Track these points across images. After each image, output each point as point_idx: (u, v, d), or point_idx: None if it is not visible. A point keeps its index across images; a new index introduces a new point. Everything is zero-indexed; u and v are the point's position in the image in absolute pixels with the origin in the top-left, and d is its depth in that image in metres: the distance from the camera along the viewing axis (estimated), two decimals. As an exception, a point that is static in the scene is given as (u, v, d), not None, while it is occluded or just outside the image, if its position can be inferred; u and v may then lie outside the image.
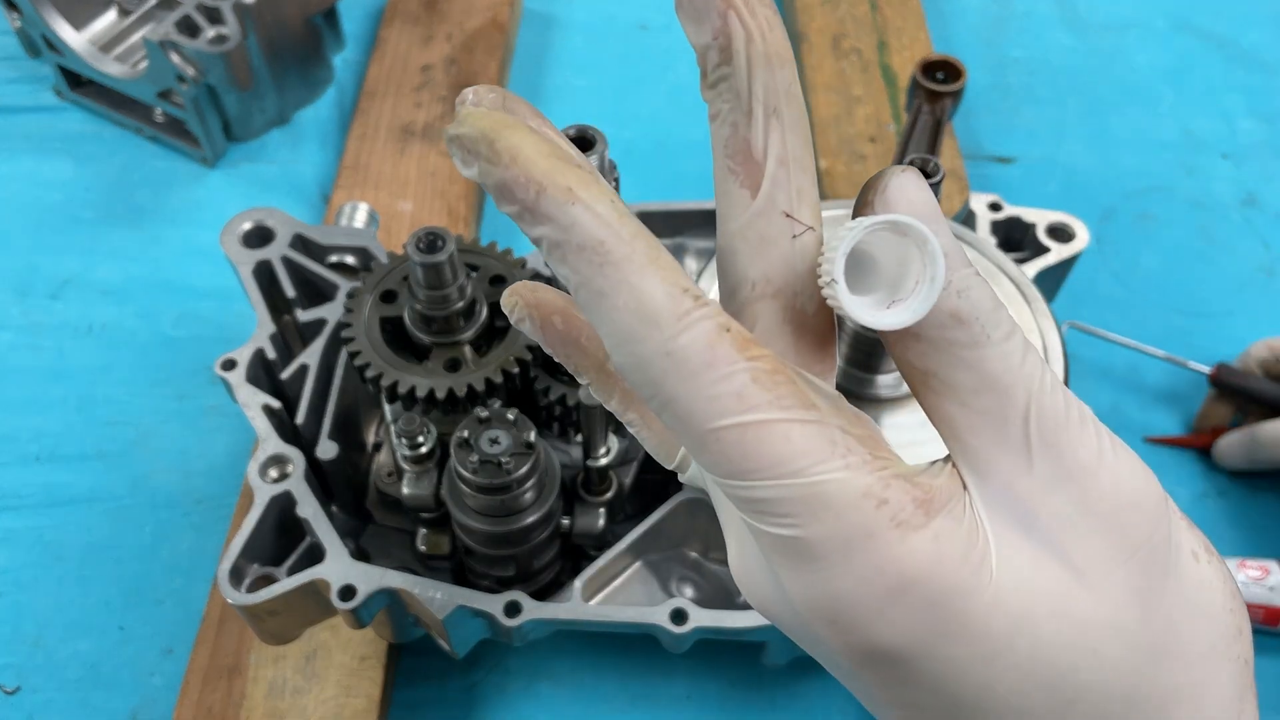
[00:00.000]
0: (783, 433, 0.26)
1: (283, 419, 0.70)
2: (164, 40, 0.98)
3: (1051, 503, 0.27)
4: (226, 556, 0.63)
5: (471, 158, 0.27)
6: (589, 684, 0.78)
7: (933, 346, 0.27)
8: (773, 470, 0.26)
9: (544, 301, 0.34)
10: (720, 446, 0.26)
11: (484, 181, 0.27)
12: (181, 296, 0.99)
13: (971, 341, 0.27)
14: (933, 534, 0.27)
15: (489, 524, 0.63)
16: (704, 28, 0.27)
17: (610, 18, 1.28)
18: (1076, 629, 0.27)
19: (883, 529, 0.26)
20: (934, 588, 0.27)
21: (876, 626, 0.27)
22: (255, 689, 0.72)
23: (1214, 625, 0.29)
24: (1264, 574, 0.79)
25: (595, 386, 0.35)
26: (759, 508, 0.27)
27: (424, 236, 0.63)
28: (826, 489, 0.26)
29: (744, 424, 0.26)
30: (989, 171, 1.12)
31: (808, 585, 0.27)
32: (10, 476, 0.87)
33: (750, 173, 0.28)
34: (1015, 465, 0.28)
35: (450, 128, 0.27)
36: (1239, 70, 1.23)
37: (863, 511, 0.26)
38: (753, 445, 0.26)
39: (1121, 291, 1.02)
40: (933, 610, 0.27)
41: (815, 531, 0.26)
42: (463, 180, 1.04)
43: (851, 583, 0.27)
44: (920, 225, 0.26)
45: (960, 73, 0.72)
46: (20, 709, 0.76)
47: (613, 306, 0.26)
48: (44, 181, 1.07)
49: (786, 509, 0.26)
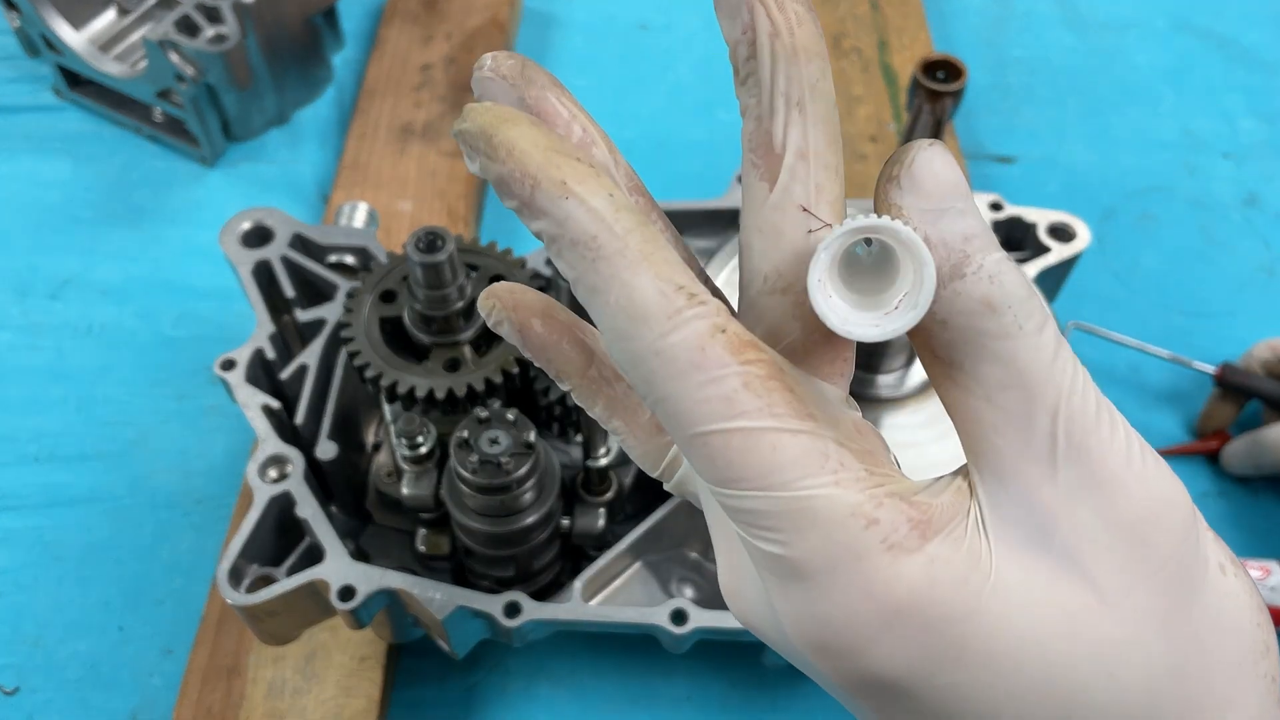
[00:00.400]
0: (770, 442, 0.25)
1: (282, 419, 0.70)
2: (163, 40, 0.98)
3: (1074, 513, 0.26)
4: (226, 557, 0.62)
5: (474, 153, 0.26)
6: (589, 684, 0.78)
7: (960, 336, 0.26)
8: (759, 481, 0.25)
9: (523, 304, 0.33)
10: (707, 452, 0.25)
11: (486, 176, 0.27)
12: (181, 296, 0.99)
13: (1002, 332, 0.25)
14: (927, 558, 0.25)
15: (489, 524, 0.63)
16: (736, 23, 0.27)
17: (610, 18, 1.28)
18: (1091, 650, 0.26)
19: (872, 551, 0.25)
20: (929, 615, 0.25)
21: (869, 655, 0.26)
22: (254, 689, 0.72)
23: (1241, 642, 0.28)
24: (1265, 574, 0.79)
25: (578, 393, 0.34)
26: (748, 519, 0.26)
27: (423, 236, 0.63)
28: (813, 504, 0.25)
29: (730, 430, 0.25)
30: (990, 171, 1.12)
31: (796, 607, 0.26)
32: (10, 476, 0.87)
33: (770, 165, 0.27)
34: (1039, 471, 0.26)
35: (456, 122, 0.27)
36: (1240, 70, 1.23)
37: (850, 531, 0.25)
38: (738, 453, 0.25)
39: (1122, 291, 1.02)
40: (928, 637, 0.25)
41: (802, 550, 0.25)
42: (462, 180, 1.04)
43: (839, 607, 0.25)
44: (907, 231, 0.24)
45: (961, 72, 0.72)
46: (20, 709, 0.76)
47: (604, 303, 0.25)
48: (43, 181, 1.07)
49: (773, 523, 0.25)
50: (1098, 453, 0.26)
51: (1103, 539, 0.26)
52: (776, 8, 0.26)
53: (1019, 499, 0.26)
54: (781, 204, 0.27)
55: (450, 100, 1.10)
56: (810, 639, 0.26)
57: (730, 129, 1.17)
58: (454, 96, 1.11)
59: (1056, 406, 0.26)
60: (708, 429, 0.25)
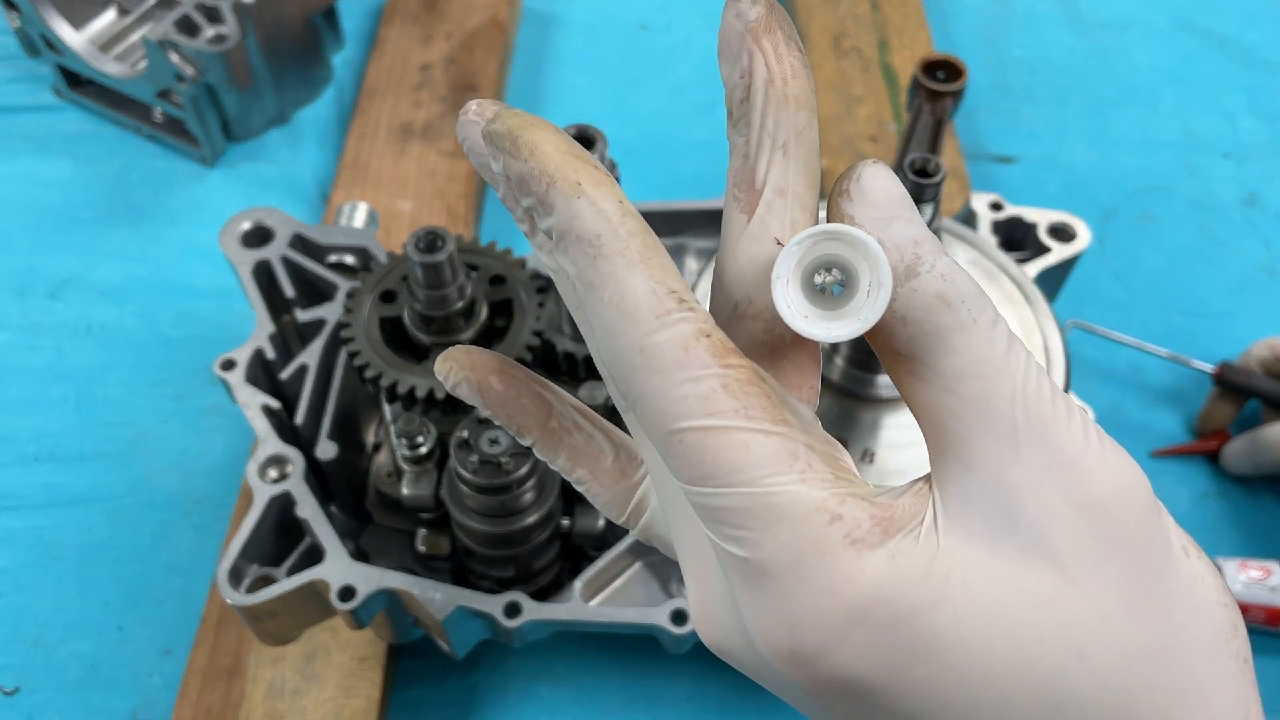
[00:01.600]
0: (743, 440, 0.26)
1: (282, 419, 0.70)
2: (163, 40, 0.98)
3: (1039, 493, 0.27)
4: (226, 557, 0.62)
5: (499, 152, 0.28)
6: (589, 685, 0.78)
7: (919, 330, 0.27)
8: (729, 478, 0.26)
9: (479, 363, 0.34)
10: (682, 448, 0.26)
11: (507, 174, 0.28)
12: (180, 296, 0.99)
13: (958, 325, 0.27)
14: (889, 553, 0.26)
15: (489, 524, 0.63)
16: (735, 68, 0.28)
17: (610, 18, 1.28)
18: (1061, 629, 0.26)
19: (835, 546, 0.26)
20: (894, 608, 0.26)
21: (837, 655, 0.26)
22: (254, 690, 0.72)
23: (1210, 621, 0.28)
24: (1265, 574, 0.79)
25: (539, 446, 0.35)
26: (717, 517, 0.27)
27: (423, 236, 0.63)
28: (779, 500, 0.26)
29: (706, 428, 0.26)
30: (990, 171, 1.12)
31: (763, 613, 0.27)
32: (10, 476, 0.87)
33: (750, 200, 0.29)
34: (1003, 453, 0.27)
35: (485, 124, 0.29)
36: (1240, 69, 1.23)
37: (815, 526, 0.26)
38: (711, 450, 0.26)
39: (1122, 291, 1.02)
40: (896, 632, 0.26)
41: (768, 548, 0.26)
42: (462, 180, 1.04)
43: (806, 604, 0.26)
44: (859, 233, 0.26)
45: (961, 72, 0.72)
46: (19, 710, 0.76)
47: (599, 299, 0.27)
48: (43, 181, 1.07)
49: (740, 519, 0.26)
50: (1058, 436, 0.27)
51: (1067, 517, 0.27)
52: (775, 57, 0.28)
53: (986, 481, 0.27)
54: (757, 235, 0.28)
55: (450, 100, 1.10)
56: (779, 647, 0.27)
57: (730, 129, 1.17)
58: (454, 97, 1.11)
59: (1014, 392, 0.27)
60: (683, 425, 0.26)
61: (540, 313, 0.67)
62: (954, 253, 0.70)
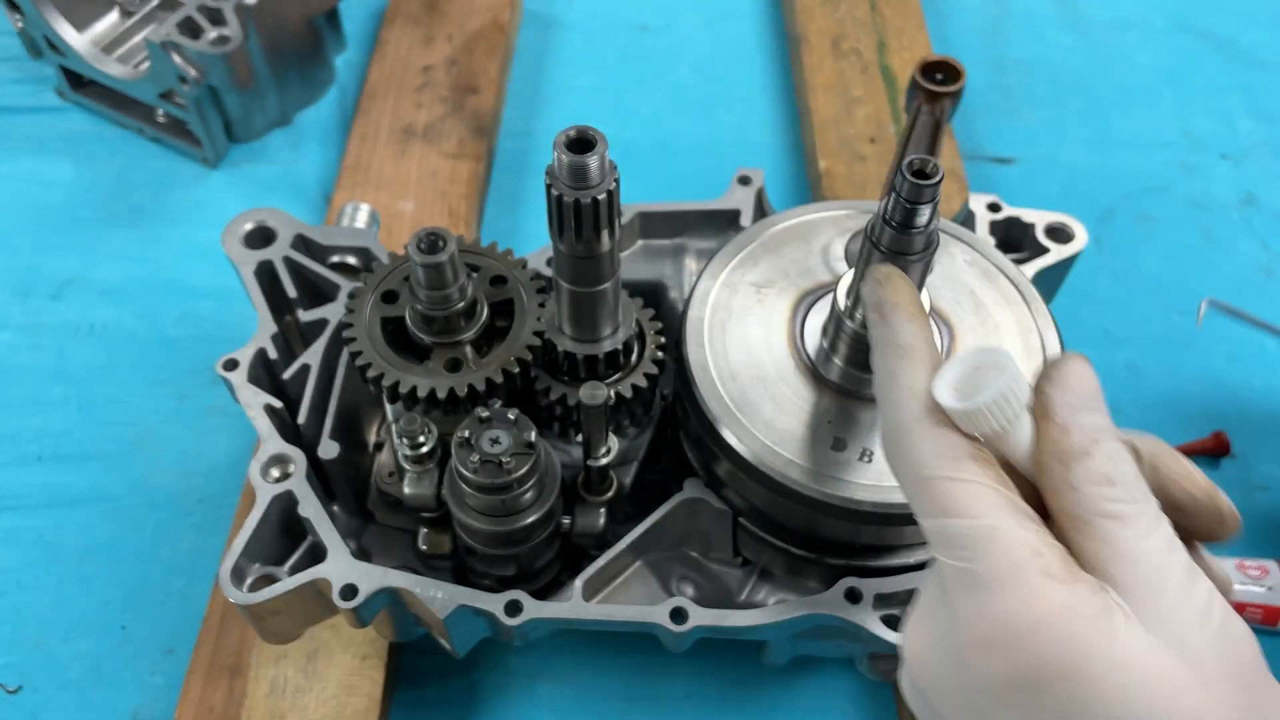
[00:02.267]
0: (977, 492, 0.39)
1: (284, 419, 0.71)
2: (166, 41, 0.98)
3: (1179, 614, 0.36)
4: (228, 556, 0.63)
5: (875, 284, 0.48)
6: (589, 683, 0.78)
7: (1086, 498, 0.38)
8: (962, 513, 0.39)
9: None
10: (930, 489, 0.40)
11: (869, 298, 0.48)
12: (182, 296, 0.99)
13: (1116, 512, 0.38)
14: (1071, 591, 0.36)
15: (490, 523, 0.64)
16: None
17: (610, 18, 1.28)
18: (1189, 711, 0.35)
19: (1033, 571, 0.37)
20: (1063, 630, 0.35)
21: (1015, 652, 0.36)
22: (256, 688, 0.72)
23: None
24: (1263, 573, 0.79)
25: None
26: (949, 541, 0.39)
27: (425, 237, 0.63)
28: (997, 532, 0.38)
29: (951, 478, 0.39)
30: (988, 172, 1.12)
31: (972, 607, 0.38)
32: (11, 476, 0.87)
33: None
34: (1149, 588, 0.37)
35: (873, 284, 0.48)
36: (1239, 70, 1.23)
37: (1022, 554, 0.37)
38: (951, 493, 0.39)
39: (1121, 291, 1.02)
40: (1059, 648, 0.35)
41: (984, 562, 0.37)
42: (463, 180, 1.04)
43: (1006, 606, 0.37)
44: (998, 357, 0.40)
45: (959, 73, 0.72)
46: (22, 708, 0.76)
47: (897, 384, 0.44)
48: (45, 182, 1.08)
49: (966, 543, 0.38)
50: (1193, 591, 0.37)
51: (1201, 635, 0.36)
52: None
53: (1138, 599, 0.37)
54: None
55: (451, 102, 1.10)
56: (979, 635, 0.38)
57: (730, 129, 1.17)
58: (455, 98, 1.11)
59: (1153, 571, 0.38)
60: (935, 473, 0.40)
61: (541, 313, 0.68)
62: (952, 253, 0.70)
